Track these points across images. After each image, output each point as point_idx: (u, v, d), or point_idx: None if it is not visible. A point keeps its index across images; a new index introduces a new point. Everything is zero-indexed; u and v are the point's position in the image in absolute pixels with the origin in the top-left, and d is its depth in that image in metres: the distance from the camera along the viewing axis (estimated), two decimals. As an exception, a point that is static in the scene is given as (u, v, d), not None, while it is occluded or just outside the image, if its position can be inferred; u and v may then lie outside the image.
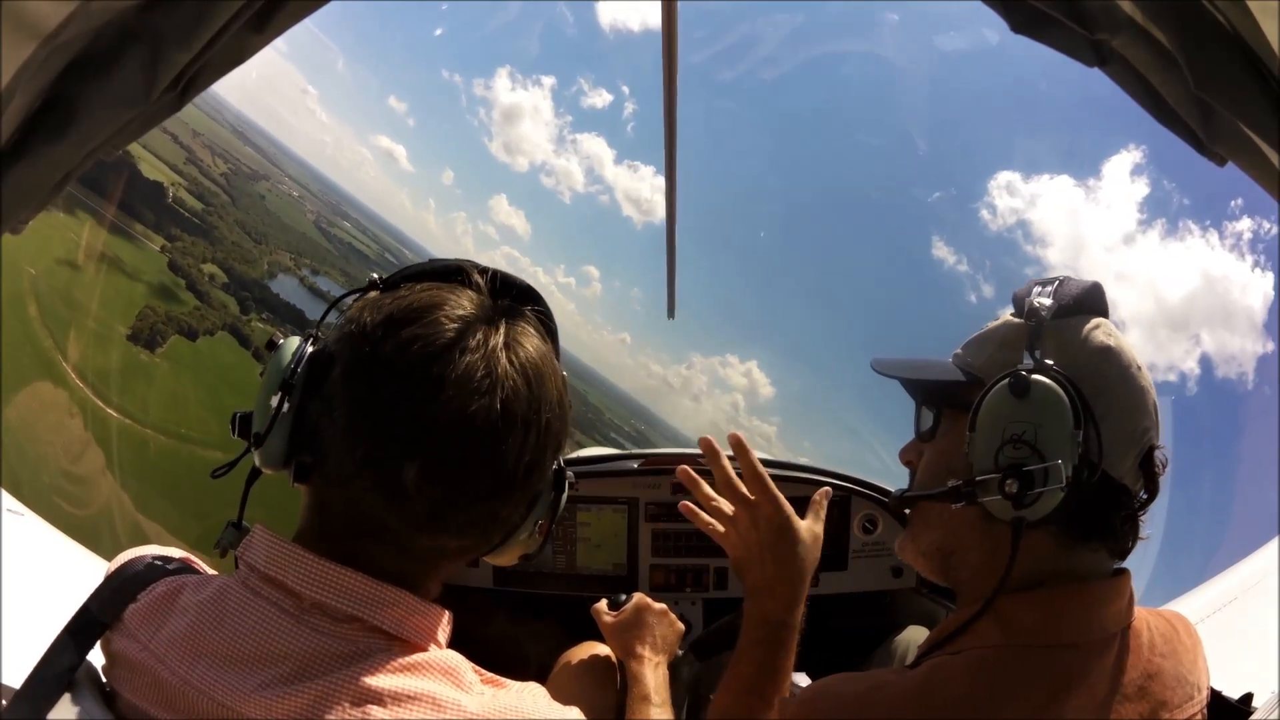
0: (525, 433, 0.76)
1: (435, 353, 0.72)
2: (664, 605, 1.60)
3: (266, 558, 0.77)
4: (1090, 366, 0.90)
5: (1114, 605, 0.89)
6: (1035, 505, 0.86)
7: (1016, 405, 0.87)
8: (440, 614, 0.81)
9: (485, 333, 0.75)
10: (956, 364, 1.02)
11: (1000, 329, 1.00)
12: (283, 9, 1.09)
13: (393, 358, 0.73)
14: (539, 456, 0.79)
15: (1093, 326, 0.94)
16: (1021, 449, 0.86)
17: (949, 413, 1.00)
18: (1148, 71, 1.06)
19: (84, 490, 19.28)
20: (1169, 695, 0.87)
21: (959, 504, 0.91)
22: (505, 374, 0.74)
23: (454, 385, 0.72)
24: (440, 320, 0.74)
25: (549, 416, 0.78)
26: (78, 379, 35.57)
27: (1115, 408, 0.90)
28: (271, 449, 0.84)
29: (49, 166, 1.00)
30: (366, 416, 0.74)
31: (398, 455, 0.72)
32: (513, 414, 0.74)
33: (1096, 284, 0.96)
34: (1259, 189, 1.02)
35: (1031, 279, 1.01)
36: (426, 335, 0.73)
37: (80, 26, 0.88)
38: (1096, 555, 0.92)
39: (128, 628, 0.77)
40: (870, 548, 2.24)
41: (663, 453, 2.39)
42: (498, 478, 0.76)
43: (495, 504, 0.79)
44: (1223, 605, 2.18)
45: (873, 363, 1.10)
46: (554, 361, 0.82)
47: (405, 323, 0.74)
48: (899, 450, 1.11)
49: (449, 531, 0.78)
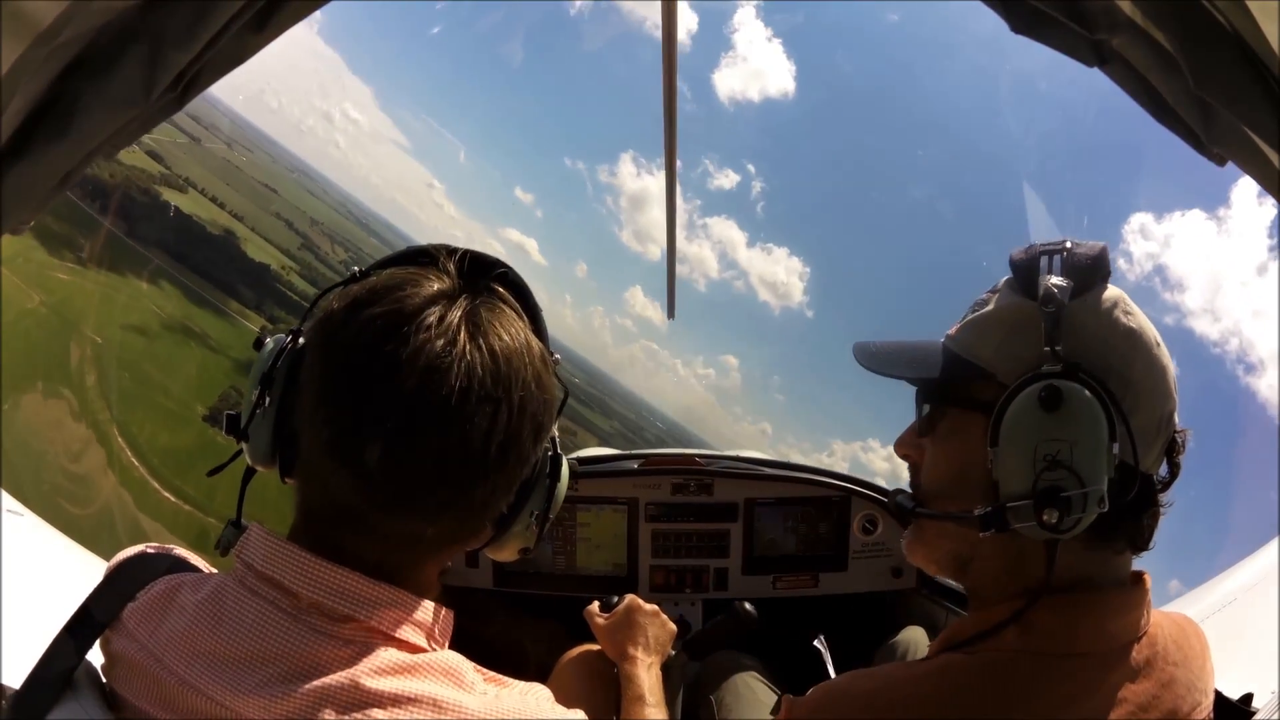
0: (493, 412, 0.73)
1: (391, 331, 0.71)
2: (655, 606, 1.61)
3: (263, 557, 0.77)
4: (1116, 356, 0.83)
5: (1132, 614, 0.86)
6: (1072, 529, 0.80)
7: (1047, 420, 0.80)
8: (439, 614, 0.81)
9: (445, 310, 0.74)
10: (958, 350, 0.92)
11: (1007, 311, 0.89)
12: (283, 9, 1.09)
13: (352, 340, 0.73)
14: (512, 437, 0.76)
15: (1111, 305, 0.86)
16: (1057, 471, 0.79)
17: (954, 411, 0.92)
18: (1148, 71, 1.06)
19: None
20: (1180, 703, 0.85)
21: (987, 533, 0.83)
22: (465, 351, 0.72)
23: (410, 362, 0.70)
24: (400, 300, 0.73)
25: (521, 395, 0.75)
26: (134, 457, 35.11)
27: (1144, 399, 0.84)
28: (257, 445, 0.86)
29: (49, 166, 0.99)
30: (329, 400, 0.74)
31: (360, 437, 0.71)
32: (475, 392, 0.72)
33: (1104, 246, 0.87)
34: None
35: (1034, 244, 0.89)
36: (385, 314, 0.73)
37: (80, 26, 0.88)
38: (1120, 555, 0.88)
39: (126, 627, 0.77)
40: (870, 548, 2.24)
41: (663, 453, 2.39)
42: (466, 458, 0.74)
43: (466, 486, 0.76)
44: (1223, 605, 2.18)
45: (855, 352, 1.01)
46: (530, 340, 0.79)
47: (367, 304, 0.74)
48: (895, 442, 1.02)
49: (420, 515, 0.76)
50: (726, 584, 2.24)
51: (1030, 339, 0.84)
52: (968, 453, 0.89)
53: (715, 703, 1.72)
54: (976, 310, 0.94)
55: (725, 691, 1.74)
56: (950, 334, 0.96)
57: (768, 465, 2.33)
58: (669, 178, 2.79)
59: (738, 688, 1.74)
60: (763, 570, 2.25)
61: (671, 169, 2.71)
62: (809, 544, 2.25)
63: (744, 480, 2.24)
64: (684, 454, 2.34)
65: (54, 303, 42.39)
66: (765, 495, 2.23)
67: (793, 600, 2.23)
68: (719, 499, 2.23)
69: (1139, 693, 0.83)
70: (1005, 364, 0.86)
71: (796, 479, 2.25)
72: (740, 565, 2.24)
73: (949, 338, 0.96)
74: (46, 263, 46.42)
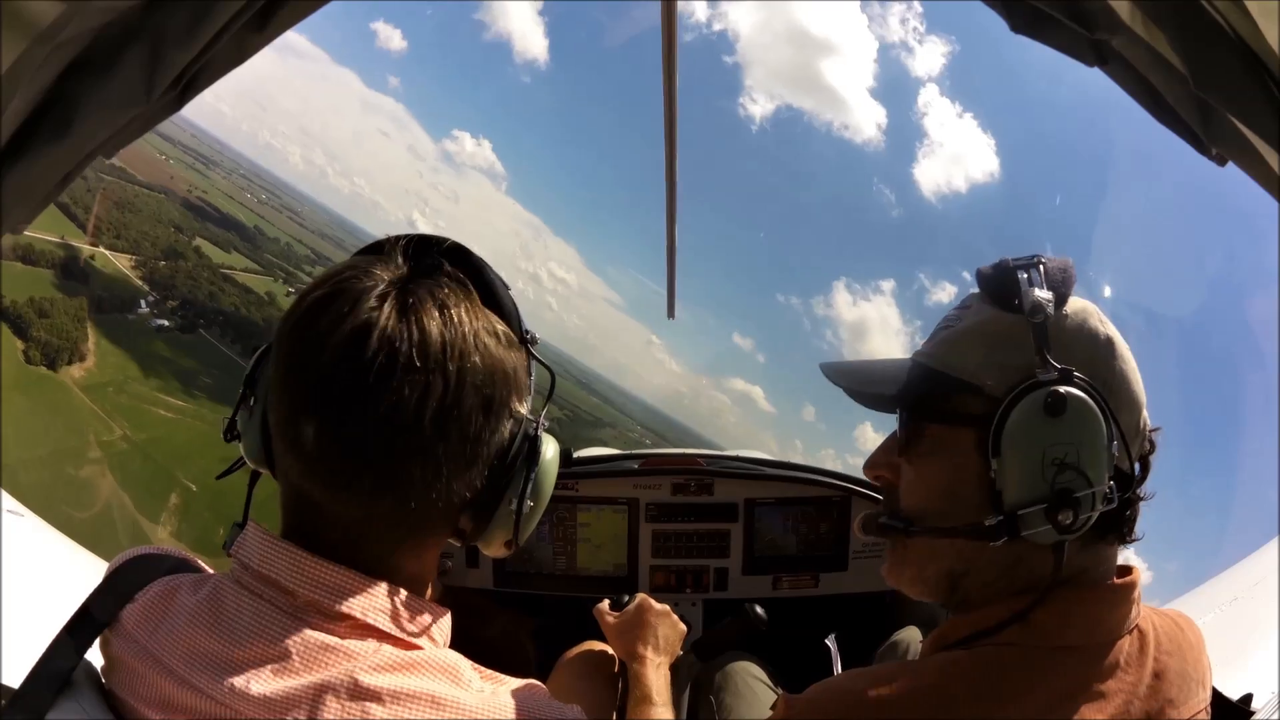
0: (424, 384, 0.72)
1: (322, 312, 0.73)
2: (666, 606, 1.60)
3: (260, 556, 0.77)
4: (1100, 364, 0.86)
5: (1124, 607, 0.88)
6: (1082, 528, 0.82)
7: (1053, 425, 0.81)
8: (435, 613, 0.81)
9: (377, 287, 0.74)
10: (936, 366, 0.91)
11: (988, 325, 0.89)
12: (283, 9, 1.09)
13: (295, 323, 0.75)
14: (449, 410, 0.74)
15: (1088, 314, 0.88)
16: (1067, 473, 0.81)
17: (937, 428, 0.90)
18: (1148, 71, 1.06)
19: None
20: (1175, 694, 0.86)
21: (999, 541, 0.83)
22: (388, 325, 0.72)
23: (338, 336, 0.71)
24: (338, 283, 0.75)
25: (458, 366, 0.74)
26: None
27: (1125, 401, 0.86)
28: (248, 445, 0.87)
29: (49, 166, 1.00)
30: (277, 384, 0.76)
31: (298, 417, 0.73)
32: (400, 363, 0.71)
33: (1071, 260, 0.89)
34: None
35: (1005, 260, 0.90)
36: (322, 296, 0.74)
37: (80, 26, 0.88)
38: (1110, 548, 0.90)
39: (125, 628, 0.77)
40: (870, 548, 2.24)
41: (663, 453, 2.39)
42: (395, 432, 0.72)
43: (401, 461, 0.74)
44: (1223, 605, 2.18)
45: (824, 370, 0.99)
46: (473, 314, 0.77)
47: (311, 290, 0.76)
48: (865, 464, 1.00)
49: (360, 494, 0.74)
50: (727, 584, 2.24)
51: (1017, 350, 0.85)
52: (956, 468, 0.88)
53: (716, 702, 1.72)
54: (949, 327, 0.93)
55: (726, 691, 1.74)
56: (923, 351, 0.95)
57: (768, 465, 2.33)
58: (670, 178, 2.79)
59: (738, 687, 1.74)
60: (763, 570, 2.25)
61: (672, 169, 2.72)
62: (809, 544, 2.25)
63: (744, 480, 2.24)
64: (684, 454, 2.34)
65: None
66: (765, 495, 2.23)
67: (793, 600, 2.23)
68: (719, 499, 2.23)
69: (1131, 683, 0.84)
70: (993, 376, 0.86)
71: (797, 479, 2.25)
72: (740, 565, 2.24)
73: (923, 354, 0.94)
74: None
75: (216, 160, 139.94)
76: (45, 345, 50.84)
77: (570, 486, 2.19)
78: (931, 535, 0.91)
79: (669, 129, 2.45)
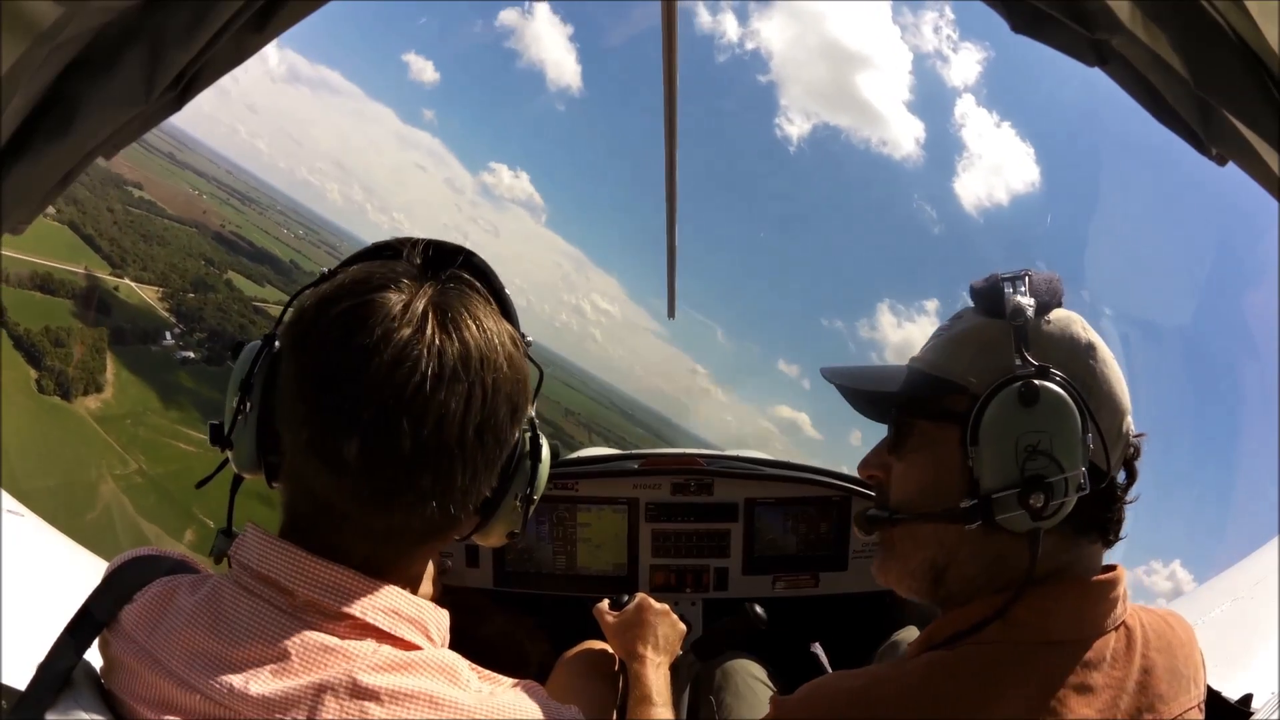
0: (466, 395, 0.73)
1: (359, 325, 0.72)
2: (665, 605, 1.60)
3: (259, 556, 0.77)
4: (1079, 364, 0.90)
5: (1106, 603, 0.89)
6: (1055, 515, 0.85)
7: (1026, 414, 0.85)
8: (435, 613, 0.81)
9: (411, 298, 0.74)
10: (927, 369, 0.97)
11: (976, 330, 0.95)
12: (283, 9, 1.09)
13: (322, 337, 0.73)
14: (488, 419, 0.75)
15: (1071, 321, 0.93)
16: (1039, 460, 0.84)
17: (925, 425, 0.95)
18: (1148, 71, 1.06)
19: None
20: (1164, 689, 0.87)
21: (974, 524, 0.87)
22: (433, 337, 0.72)
23: (378, 354, 0.70)
24: (366, 293, 0.74)
25: (494, 377, 0.75)
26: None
27: (1105, 403, 0.90)
28: (241, 452, 0.86)
29: (49, 166, 1.00)
30: (304, 400, 0.74)
31: (337, 434, 0.71)
32: (446, 376, 0.72)
33: (1056, 275, 0.95)
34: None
35: (995, 274, 0.96)
36: (352, 309, 0.73)
37: (80, 26, 0.88)
38: (1093, 547, 0.92)
39: (125, 629, 0.77)
40: (871, 548, 2.23)
41: (663, 453, 2.39)
42: (443, 445, 0.73)
43: (447, 473, 0.75)
44: (1223, 605, 2.18)
45: (824, 373, 1.03)
46: (497, 322, 0.79)
47: (334, 301, 0.74)
48: (859, 464, 1.04)
49: (404, 508, 0.75)
50: (727, 584, 2.24)
51: (1001, 352, 0.90)
52: (940, 460, 0.92)
53: (716, 702, 1.72)
54: (942, 334, 0.99)
55: (726, 691, 1.74)
56: (917, 357, 1.01)
57: (768, 465, 2.33)
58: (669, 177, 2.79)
59: (738, 687, 1.74)
60: (763, 570, 2.25)
61: (672, 169, 2.72)
62: (809, 544, 2.25)
63: (744, 480, 2.24)
64: (684, 454, 2.34)
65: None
66: (765, 495, 2.23)
67: (793, 600, 2.23)
68: (719, 499, 2.23)
69: (1118, 678, 0.85)
70: (978, 376, 0.91)
71: (797, 479, 2.25)
72: (740, 565, 2.24)
73: (916, 360, 1.00)
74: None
75: (253, 196, 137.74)
76: (60, 376, 49.68)
77: (570, 486, 2.19)
78: (913, 521, 0.95)
79: (669, 130, 2.46)
